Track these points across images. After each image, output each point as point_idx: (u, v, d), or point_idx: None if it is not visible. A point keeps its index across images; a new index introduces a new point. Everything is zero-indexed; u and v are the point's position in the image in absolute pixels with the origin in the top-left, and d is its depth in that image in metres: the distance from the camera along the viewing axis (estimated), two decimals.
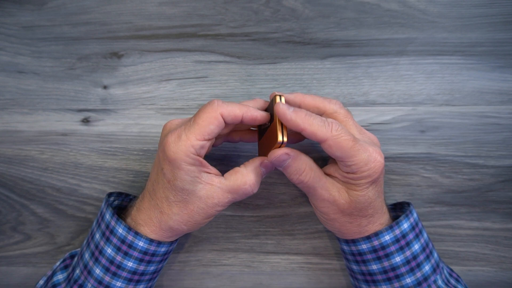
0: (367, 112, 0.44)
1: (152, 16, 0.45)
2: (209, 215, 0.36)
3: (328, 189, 0.36)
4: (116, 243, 0.36)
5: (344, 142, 0.33)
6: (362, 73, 0.44)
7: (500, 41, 0.43)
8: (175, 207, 0.35)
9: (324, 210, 0.37)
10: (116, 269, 0.36)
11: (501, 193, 0.44)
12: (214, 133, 0.33)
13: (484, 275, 0.44)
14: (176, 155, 0.33)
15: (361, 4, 0.43)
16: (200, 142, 0.33)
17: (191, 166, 0.34)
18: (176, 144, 0.33)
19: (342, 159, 0.34)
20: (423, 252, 0.37)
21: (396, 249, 0.36)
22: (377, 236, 0.36)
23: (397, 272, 0.36)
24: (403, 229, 0.36)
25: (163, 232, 0.37)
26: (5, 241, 0.47)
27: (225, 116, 0.33)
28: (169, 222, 0.36)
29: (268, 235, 0.45)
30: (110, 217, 0.37)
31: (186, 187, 0.34)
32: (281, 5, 0.44)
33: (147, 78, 0.45)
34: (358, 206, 0.35)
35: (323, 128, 0.33)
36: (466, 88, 0.44)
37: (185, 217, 0.35)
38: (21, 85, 0.46)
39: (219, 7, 0.44)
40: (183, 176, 0.34)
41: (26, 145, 0.46)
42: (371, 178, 0.34)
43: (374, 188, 0.35)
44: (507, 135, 0.43)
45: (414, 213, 0.38)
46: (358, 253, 0.37)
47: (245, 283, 0.46)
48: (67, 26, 0.45)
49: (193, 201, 0.35)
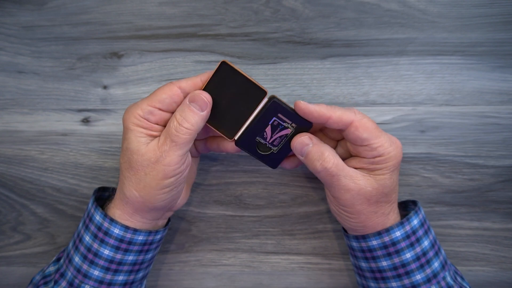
0: (367, 112, 0.44)
1: (152, 16, 0.45)
2: (157, 174, 0.34)
3: (352, 177, 0.35)
4: (94, 230, 0.36)
5: (368, 123, 0.34)
6: (362, 73, 0.44)
7: (500, 41, 0.43)
8: (124, 171, 0.35)
9: (349, 202, 0.35)
10: (93, 257, 0.36)
11: (501, 193, 0.44)
12: (166, 102, 0.34)
13: (484, 275, 0.45)
14: (126, 117, 0.35)
15: (361, 4, 0.43)
16: (149, 107, 0.34)
17: (137, 127, 0.34)
18: (128, 109, 0.35)
19: (368, 140, 0.34)
20: (432, 248, 0.37)
21: (406, 245, 0.36)
22: (388, 232, 0.36)
23: (407, 269, 0.36)
24: (413, 225, 0.36)
25: (123, 205, 0.36)
26: (5, 241, 0.47)
27: (183, 87, 0.35)
28: (123, 189, 0.36)
29: (268, 235, 0.45)
30: (91, 205, 0.38)
31: (130, 146, 0.34)
32: (281, 5, 0.44)
33: (147, 78, 0.45)
34: (385, 190, 0.35)
35: (347, 112, 0.34)
36: (466, 88, 0.44)
37: (134, 179, 0.35)
38: (21, 85, 0.46)
39: (219, 7, 0.44)
40: (129, 135, 0.35)
41: (26, 145, 0.46)
42: (396, 160, 0.35)
43: (397, 172, 0.36)
44: (507, 135, 0.43)
45: (422, 210, 0.38)
46: (368, 249, 0.37)
47: (245, 283, 0.46)
48: (67, 26, 0.45)
49: (136, 159, 0.34)
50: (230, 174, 0.45)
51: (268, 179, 0.45)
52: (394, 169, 0.36)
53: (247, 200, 0.45)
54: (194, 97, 0.34)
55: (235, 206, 0.45)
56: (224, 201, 0.46)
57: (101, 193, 0.41)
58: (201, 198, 0.46)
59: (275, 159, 0.38)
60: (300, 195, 0.45)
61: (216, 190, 0.45)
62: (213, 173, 0.45)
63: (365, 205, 0.35)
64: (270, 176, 0.45)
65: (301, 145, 0.35)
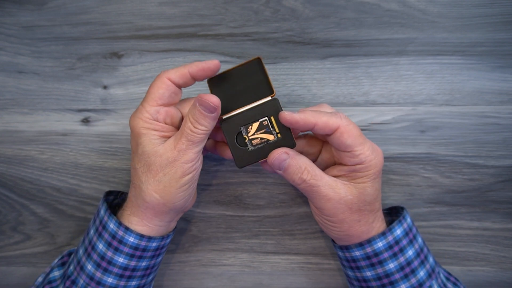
0: (367, 112, 0.44)
1: (152, 16, 0.45)
2: (175, 172, 0.34)
3: (332, 187, 0.35)
4: (107, 238, 0.36)
5: (354, 129, 0.34)
6: (362, 73, 0.44)
7: (500, 41, 0.43)
8: (142, 175, 0.35)
9: (331, 212, 0.36)
10: (107, 265, 0.36)
11: (501, 193, 0.44)
12: (165, 96, 0.35)
13: (484, 275, 0.45)
14: (134, 123, 0.35)
15: (361, 4, 0.43)
16: (154, 107, 0.35)
17: (149, 130, 0.35)
18: (134, 115, 0.36)
19: (351, 147, 0.34)
20: (418, 257, 0.36)
21: (389, 255, 0.36)
22: (369, 243, 0.36)
23: (391, 279, 0.36)
24: (396, 235, 0.36)
25: (141, 212, 0.36)
26: (5, 241, 0.47)
27: (173, 78, 0.35)
28: (141, 194, 0.35)
29: (268, 235, 0.45)
30: (104, 212, 0.37)
31: (145, 149, 0.35)
32: (281, 5, 0.44)
33: (147, 78, 0.45)
34: (367, 198, 0.35)
35: (333, 117, 0.34)
36: (466, 88, 0.44)
37: (152, 182, 0.35)
38: (21, 85, 0.46)
39: (219, 7, 0.44)
40: (142, 139, 0.35)
41: (26, 145, 0.46)
42: (377, 168, 0.35)
43: (378, 180, 0.36)
44: (507, 135, 0.43)
45: (408, 218, 0.38)
46: (352, 259, 0.37)
47: (245, 283, 0.46)
48: (67, 26, 0.45)
49: (154, 161, 0.35)
50: (230, 174, 0.45)
51: (268, 179, 0.45)
52: (375, 177, 0.36)
53: (247, 200, 0.45)
54: (201, 101, 0.34)
55: (235, 206, 0.45)
56: (224, 201, 0.46)
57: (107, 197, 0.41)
58: (201, 198, 0.46)
59: (245, 158, 0.37)
60: (300, 195, 0.45)
61: (216, 190, 0.45)
62: (213, 173, 0.45)
63: (347, 213, 0.35)
64: (270, 176, 0.45)
65: (279, 161, 0.35)
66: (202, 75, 0.36)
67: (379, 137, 0.44)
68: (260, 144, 0.36)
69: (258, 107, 0.36)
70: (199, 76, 0.36)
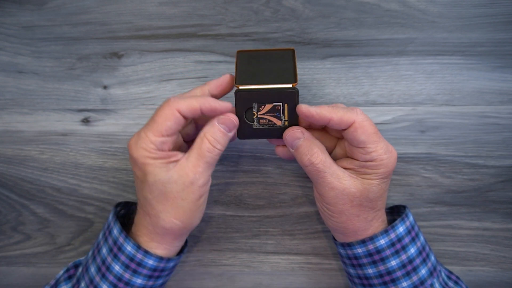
0: (367, 112, 0.44)
1: (152, 16, 0.45)
2: (193, 196, 0.34)
3: (338, 176, 0.35)
4: (125, 260, 0.36)
5: (369, 126, 0.34)
6: (362, 73, 0.44)
7: (500, 41, 0.43)
8: (157, 204, 0.34)
9: (331, 201, 0.36)
10: (124, 286, 0.36)
11: (501, 193, 0.44)
12: (172, 129, 0.34)
13: (484, 275, 0.45)
14: (138, 153, 0.34)
15: (361, 4, 0.43)
16: (159, 138, 0.33)
17: (155, 160, 0.34)
18: (137, 144, 0.34)
19: (365, 144, 0.34)
20: (420, 255, 0.36)
21: (391, 253, 0.36)
22: (372, 240, 0.36)
23: (393, 276, 0.36)
24: (398, 233, 0.36)
25: (161, 237, 0.36)
26: (5, 241, 0.47)
27: (182, 111, 0.33)
28: (160, 223, 0.35)
29: (268, 235, 0.45)
30: (118, 233, 0.36)
31: (158, 178, 0.34)
32: (281, 5, 0.44)
33: (147, 78, 0.45)
34: (370, 196, 0.35)
35: (349, 112, 0.34)
36: (466, 88, 0.44)
37: (171, 209, 0.34)
38: (21, 85, 0.46)
39: (219, 7, 0.44)
40: (151, 169, 0.34)
41: (26, 145, 0.46)
42: (387, 168, 0.35)
43: (387, 181, 0.36)
44: (507, 135, 0.43)
45: (410, 216, 0.38)
46: (354, 257, 0.37)
47: (245, 283, 0.46)
48: (67, 26, 0.45)
49: (170, 188, 0.34)
50: (230, 174, 0.45)
51: (268, 179, 0.45)
52: (384, 178, 0.35)
53: (247, 200, 0.45)
54: (224, 120, 0.34)
55: (235, 206, 0.45)
56: (224, 201, 0.46)
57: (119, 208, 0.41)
58: None
59: (248, 133, 0.37)
60: (300, 195, 0.45)
61: (216, 190, 0.45)
62: (213, 173, 0.45)
63: (347, 205, 0.35)
64: (270, 176, 0.45)
65: (292, 138, 0.36)
66: (212, 115, 0.35)
67: None
68: (266, 125, 0.36)
69: (276, 90, 0.36)
70: (209, 114, 0.35)
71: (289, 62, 0.37)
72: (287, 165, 0.45)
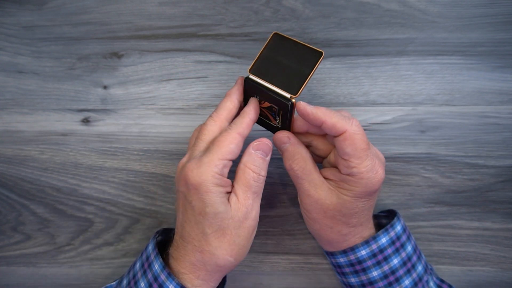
0: (367, 112, 0.44)
1: (152, 16, 0.45)
2: (247, 231, 0.34)
3: (316, 186, 0.35)
4: (150, 278, 0.34)
5: (359, 140, 0.33)
6: (362, 73, 0.44)
7: (500, 41, 0.43)
8: (214, 240, 0.33)
9: (307, 207, 0.36)
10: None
11: (501, 193, 0.44)
12: (235, 152, 0.33)
13: (484, 275, 0.45)
14: (202, 178, 0.32)
15: (361, 4, 0.43)
16: (223, 161, 0.33)
17: (218, 186, 0.32)
18: (199, 169, 0.32)
19: (349, 157, 0.33)
20: (404, 266, 0.36)
21: (372, 263, 0.35)
22: (353, 251, 0.36)
23: (375, 287, 0.36)
24: (380, 244, 0.36)
25: (210, 275, 0.34)
26: (5, 241, 0.47)
27: (243, 133, 0.34)
28: (213, 260, 0.33)
29: (268, 235, 0.45)
30: (160, 270, 0.34)
31: (218, 210, 0.32)
32: (281, 5, 0.44)
33: (147, 78, 0.45)
34: (343, 211, 0.35)
35: (343, 121, 0.33)
36: (466, 88, 0.44)
37: (227, 246, 0.33)
38: (21, 85, 0.46)
39: (219, 7, 0.44)
40: (213, 199, 0.32)
41: (26, 145, 0.46)
42: (366, 189, 0.34)
43: (366, 201, 0.35)
44: (507, 135, 0.43)
45: (398, 226, 0.37)
46: (338, 265, 0.37)
47: (245, 283, 0.46)
48: (67, 26, 0.45)
49: (228, 224, 0.33)
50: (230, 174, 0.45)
51: (268, 179, 0.45)
52: (361, 197, 0.34)
53: None
54: (259, 146, 0.34)
55: None
56: None
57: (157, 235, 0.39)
58: None
59: None
60: None
61: None
62: None
63: (321, 215, 0.36)
64: (270, 176, 0.45)
65: (280, 142, 0.36)
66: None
67: (379, 137, 0.44)
68: (263, 117, 0.37)
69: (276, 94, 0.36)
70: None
71: (309, 66, 0.36)
72: None
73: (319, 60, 0.36)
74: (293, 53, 0.37)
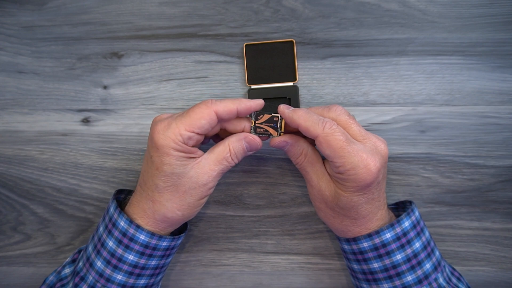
0: (367, 112, 0.44)
1: (152, 16, 0.45)
2: (201, 194, 0.36)
3: (318, 176, 0.38)
4: (118, 236, 0.37)
5: (334, 141, 0.34)
6: (362, 73, 0.44)
7: (500, 41, 0.43)
8: (166, 193, 0.36)
9: (312, 197, 0.39)
10: (117, 262, 0.37)
11: (501, 193, 0.44)
12: (205, 128, 0.35)
13: (484, 275, 0.45)
14: (164, 142, 0.34)
15: (361, 4, 0.43)
16: (188, 133, 0.34)
17: (178, 152, 0.35)
18: (165, 132, 0.34)
19: (331, 158, 0.34)
20: (424, 250, 0.37)
21: (397, 246, 0.36)
22: (378, 234, 0.36)
23: (398, 270, 0.36)
24: (404, 227, 0.36)
25: (158, 223, 0.37)
26: (5, 241, 0.47)
27: (220, 112, 0.35)
28: (162, 210, 0.36)
29: (268, 235, 0.45)
30: (113, 210, 0.38)
31: (175, 171, 0.35)
32: (281, 5, 0.44)
33: (147, 78, 0.45)
34: (340, 204, 0.36)
35: (316, 125, 0.34)
36: (466, 88, 0.44)
37: (177, 201, 0.36)
38: (21, 85, 0.46)
39: (219, 7, 0.44)
40: (171, 161, 0.35)
41: (26, 145, 0.46)
42: (356, 184, 0.34)
43: (361, 195, 0.35)
44: (507, 135, 0.43)
45: (416, 211, 0.38)
46: (360, 251, 0.37)
47: (245, 283, 0.46)
48: (67, 26, 0.45)
49: (184, 182, 0.35)
50: (230, 174, 0.45)
51: (268, 179, 0.45)
52: (355, 192, 0.35)
53: (247, 200, 0.45)
54: (250, 140, 0.37)
55: (235, 206, 0.46)
56: (224, 201, 0.46)
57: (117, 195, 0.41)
58: None
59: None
60: (300, 195, 0.45)
61: (216, 190, 0.45)
62: None
63: (323, 205, 0.38)
64: (270, 176, 0.45)
65: (279, 147, 0.38)
66: (247, 113, 0.37)
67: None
68: (262, 134, 0.38)
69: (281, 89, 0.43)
70: (244, 114, 0.37)
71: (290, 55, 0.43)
72: (287, 165, 0.45)
73: (294, 48, 0.43)
74: (270, 52, 0.43)
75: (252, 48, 0.43)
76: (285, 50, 0.43)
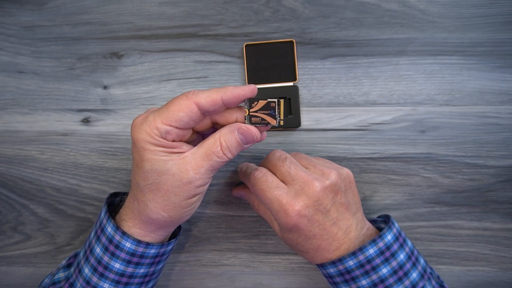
0: (367, 112, 0.44)
1: (152, 16, 0.45)
2: (187, 194, 0.33)
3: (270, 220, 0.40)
4: (105, 242, 0.35)
5: (256, 190, 0.37)
6: (362, 73, 0.44)
7: (500, 41, 0.43)
8: (148, 192, 0.33)
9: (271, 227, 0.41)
10: (103, 270, 0.35)
11: (501, 193, 0.44)
12: (184, 121, 0.31)
13: (484, 275, 0.45)
14: (140, 136, 0.31)
15: (361, 4, 0.43)
16: (166, 127, 0.31)
17: (155, 147, 0.31)
18: (141, 126, 0.32)
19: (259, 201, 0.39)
20: (409, 260, 0.36)
21: (381, 261, 0.35)
22: (361, 251, 0.36)
23: (386, 284, 0.36)
24: (386, 241, 0.36)
25: (146, 225, 0.35)
26: (5, 241, 0.47)
27: (202, 104, 0.31)
28: (146, 211, 0.33)
29: (268, 235, 0.45)
30: (104, 214, 0.36)
31: (154, 167, 0.32)
32: (281, 5, 0.44)
33: (147, 78, 0.45)
34: (286, 242, 0.39)
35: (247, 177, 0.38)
36: (466, 88, 0.44)
37: (160, 201, 0.33)
38: (21, 85, 0.46)
39: (219, 7, 0.44)
40: (150, 156, 0.32)
41: (26, 145, 0.46)
42: (283, 226, 0.37)
43: (294, 233, 0.36)
44: (507, 135, 0.43)
45: (395, 223, 0.38)
46: (346, 271, 0.36)
47: (245, 283, 0.46)
48: (67, 26, 0.45)
49: (165, 180, 0.32)
50: (230, 174, 0.45)
51: None
52: (287, 232, 0.37)
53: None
54: (244, 131, 0.32)
55: (235, 206, 0.45)
56: (224, 201, 0.46)
57: (112, 198, 0.40)
58: None
59: None
60: None
61: (216, 190, 0.45)
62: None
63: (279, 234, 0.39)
64: None
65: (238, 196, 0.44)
66: (236, 102, 0.32)
67: (379, 137, 0.44)
68: (259, 124, 0.33)
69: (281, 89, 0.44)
70: (232, 103, 0.32)
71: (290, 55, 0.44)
72: None
73: (294, 48, 0.43)
74: (270, 52, 0.44)
75: (252, 48, 0.43)
76: (285, 50, 0.43)
